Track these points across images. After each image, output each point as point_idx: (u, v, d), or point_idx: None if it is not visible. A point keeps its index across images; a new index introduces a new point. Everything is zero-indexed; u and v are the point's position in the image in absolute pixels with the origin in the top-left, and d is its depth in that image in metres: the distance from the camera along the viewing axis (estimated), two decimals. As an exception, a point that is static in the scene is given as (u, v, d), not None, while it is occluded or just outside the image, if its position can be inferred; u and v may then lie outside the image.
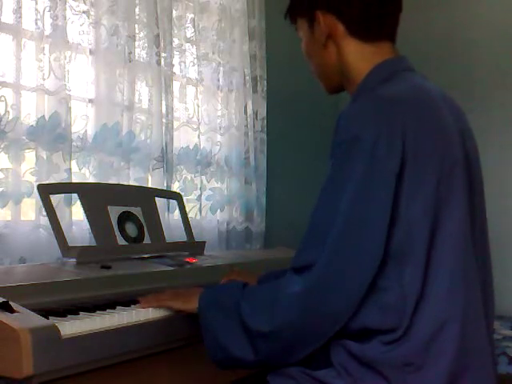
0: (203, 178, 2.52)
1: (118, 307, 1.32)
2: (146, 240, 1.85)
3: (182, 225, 2.08)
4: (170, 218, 2.29)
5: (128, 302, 1.36)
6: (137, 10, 2.24)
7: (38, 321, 1.08)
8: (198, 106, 2.52)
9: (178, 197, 2.13)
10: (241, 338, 1.18)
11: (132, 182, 2.18)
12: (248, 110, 2.73)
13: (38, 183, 1.75)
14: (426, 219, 1.11)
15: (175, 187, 2.40)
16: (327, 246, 1.11)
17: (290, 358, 1.17)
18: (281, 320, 1.13)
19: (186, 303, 1.32)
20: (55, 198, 1.75)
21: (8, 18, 1.85)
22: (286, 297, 1.13)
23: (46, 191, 1.64)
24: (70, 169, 1.96)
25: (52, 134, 1.92)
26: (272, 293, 1.17)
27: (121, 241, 1.76)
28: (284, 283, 1.16)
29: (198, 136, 2.50)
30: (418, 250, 1.11)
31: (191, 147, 2.47)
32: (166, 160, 2.31)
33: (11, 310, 1.08)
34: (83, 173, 2.06)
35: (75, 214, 1.97)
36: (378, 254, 1.09)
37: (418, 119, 1.14)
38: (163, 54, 2.33)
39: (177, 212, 2.20)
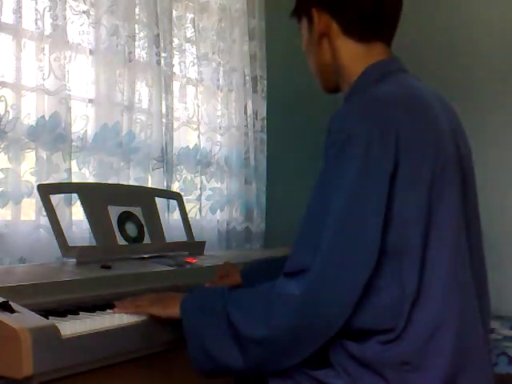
0: (203, 177, 2.53)
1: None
2: (146, 240, 1.85)
3: (181, 225, 2.08)
4: (170, 217, 2.29)
5: (128, 302, 1.36)
6: (137, 9, 2.25)
7: (38, 321, 1.08)
8: (198, 106, 2.52)
9: (178, 197, 2.13)
10: (230, 345, 1.14)
11: (132, 182, 2.18)
12: (248, 110, 2.74)
13: (38, 183, 1.75)
14: (419, 218, 1.11)
15: (175, 187, 2.40)
16: (320, 250, 1.09)
17: (284, 363, 1.14)
18: (277, 325, 1.10)
19: (166, 309, 1.26)
20: (55, 198, 1.75)
21: (8, 18, 1.85)
22: (281, 301, 1.11)
23: (46, 191, 1.64)
24: (70, 169, 1.96)
25: (52, 134, 1.92)
26: (265, 297, 1.14)
27: (121, 241, 1.76)
28: (277, 287, 1.13)
29: (198, 136, 2.50)
30: (414, 249, 1.11)
31: (191, 147, 2.48)
32: (165, 160, 2.31)
33: (11, 310, 1.08)
34: (83, 173, 2.06)
35: (75, 214, 1.97)
36: (373, 255, 1.08)
37: (409, 119, 1.14)
38: (163, 54, 2.33)
39: (177, 212, 2.20)
